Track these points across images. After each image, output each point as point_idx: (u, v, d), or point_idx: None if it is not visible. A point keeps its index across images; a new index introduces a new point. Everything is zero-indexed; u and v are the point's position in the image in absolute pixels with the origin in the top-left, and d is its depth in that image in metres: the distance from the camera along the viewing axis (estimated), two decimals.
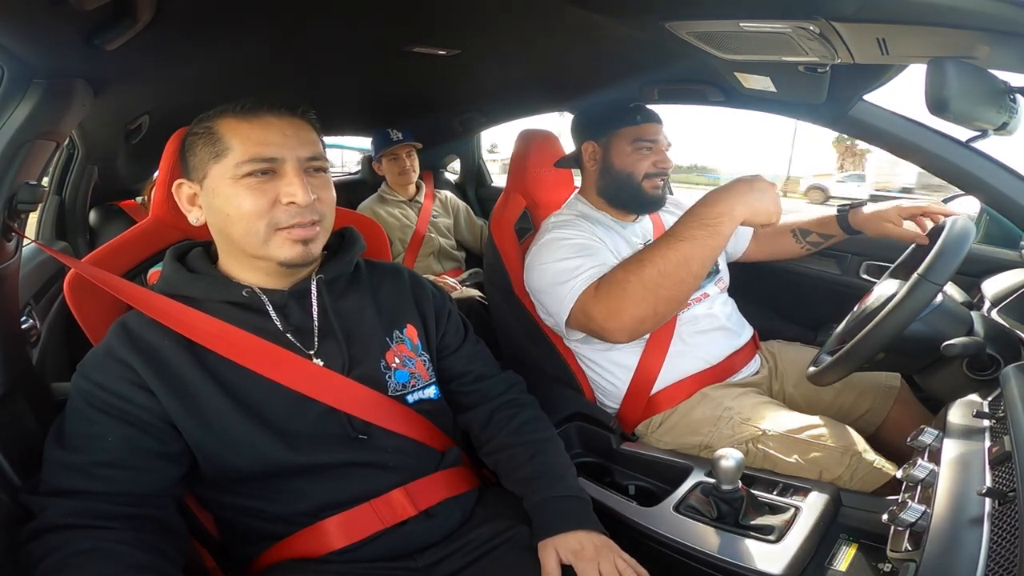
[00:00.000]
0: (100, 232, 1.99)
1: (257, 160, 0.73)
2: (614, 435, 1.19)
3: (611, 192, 1.30)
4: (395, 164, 2.27)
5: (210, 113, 0.77)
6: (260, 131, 0.74)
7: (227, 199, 0.74)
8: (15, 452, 0.75)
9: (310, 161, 0.77)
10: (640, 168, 1.26)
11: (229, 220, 0.75)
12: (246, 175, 0.73)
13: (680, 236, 1.03)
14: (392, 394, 0.84)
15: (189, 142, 0.78)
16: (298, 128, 0.77)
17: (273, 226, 0.75)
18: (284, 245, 0.75)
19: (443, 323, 0.95)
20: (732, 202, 1.02)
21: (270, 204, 0.74)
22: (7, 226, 0.83)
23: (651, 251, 1.05)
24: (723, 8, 0.92)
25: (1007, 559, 0.53)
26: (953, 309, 0.94)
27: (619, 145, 1.28)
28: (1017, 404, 0.69)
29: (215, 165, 0.75)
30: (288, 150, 0.74)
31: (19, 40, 0.77)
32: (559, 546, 0.78)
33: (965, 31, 0.76)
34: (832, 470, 0.98)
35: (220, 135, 0.75)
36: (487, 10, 1.12)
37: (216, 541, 0.85)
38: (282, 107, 0.77)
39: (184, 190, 0.80)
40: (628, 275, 1.05)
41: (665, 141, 1.29)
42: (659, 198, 1.29)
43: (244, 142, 0.74)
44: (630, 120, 1.27)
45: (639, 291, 1.03)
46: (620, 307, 1.04)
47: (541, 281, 1.19)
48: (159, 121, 1.59)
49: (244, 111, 0.75)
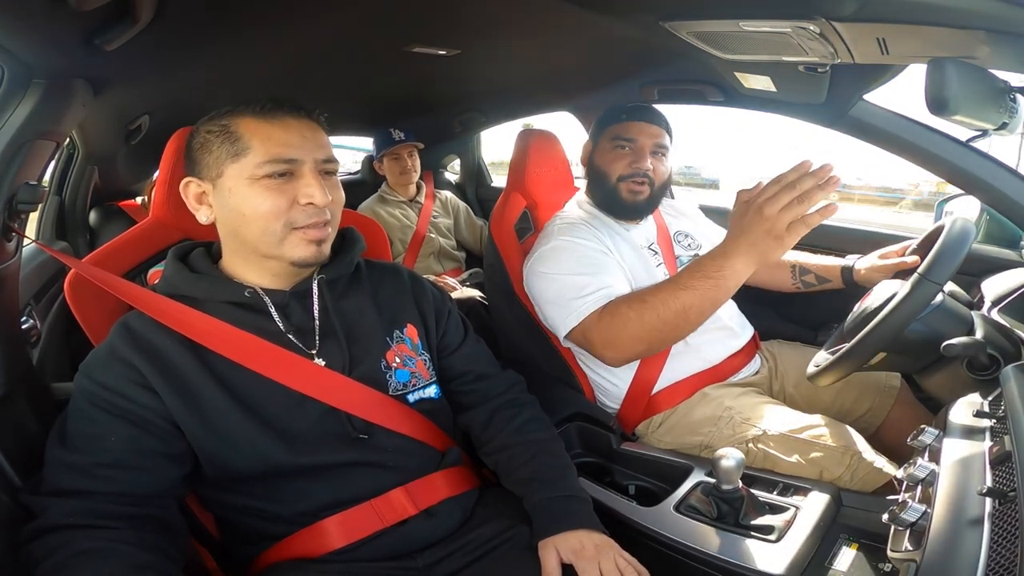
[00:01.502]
0: (100, 232, 1.99)
1: (278, 161, 0.74)
2: (614, 435, 1.19)
3: (594, 193, 1.28)
4: (396, 164, 2.27)
5: (224, 111, 0.77)
6: (281, 132, 0.75)
7: (244, 199, 0.75)
8: (15, 452, 0.75)
9: (325, 163, 0.78)
10: (614, 168, 1.22)
11: (245, 220, 0.76)
12: (265, 176, 0.74)
13: (683, 284, 1.00)
14: (393, 394, 0.84)
15: (202, 140, 0.78)
16: (314, 131, 0.78)
17: (289, 226, 0.75)
18: (299, 245, 0.76)
19: (443, 322, 0.95)
20: (732, 255, 0.93)
21: (288, 205, 0.75)
22: (7, 226, 0.83)
23: (655, 292, 1.03)
24: (723, 8, 0.92)
25: (1007, 559, 0.53)
26: (953, 309, 0.94)
27: (602, 143, 1.26)
28: (1017, 404, 0.69)
29: (232, 164, 0.75)
30: (306, 152, 0.76)
31: (19, 40, 0.77)
32: (560, 545, 0.78)
33: (965, 31, 0.76)
34: (832, 470, 0.98)
35: (239, 135, 0.75)
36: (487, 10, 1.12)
37: (216, 541, 0.85)
38: (298, 108, 0.78)
39: (192, 189, 0.80)
40: (630, 312, 1.04)
41: (650, 142, 1.22)
42: (636, 204, 1.22)
43: (265, 143, 0.74)
44: (616, 118, 1.25)
45: (639, 331, 1.03)
46: (619, 340, 1.06)
47: (546, 292, 1.17)
48: (159, 121, 1.59)
49: (264, 112, 0.76)
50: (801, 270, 1.37)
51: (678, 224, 1.39)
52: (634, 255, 1.24)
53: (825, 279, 1.33)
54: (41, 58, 0.82)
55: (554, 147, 1.47)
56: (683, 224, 1.40)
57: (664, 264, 1.26)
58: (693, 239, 1.37)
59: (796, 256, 1.40)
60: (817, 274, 1.35)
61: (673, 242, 1.33)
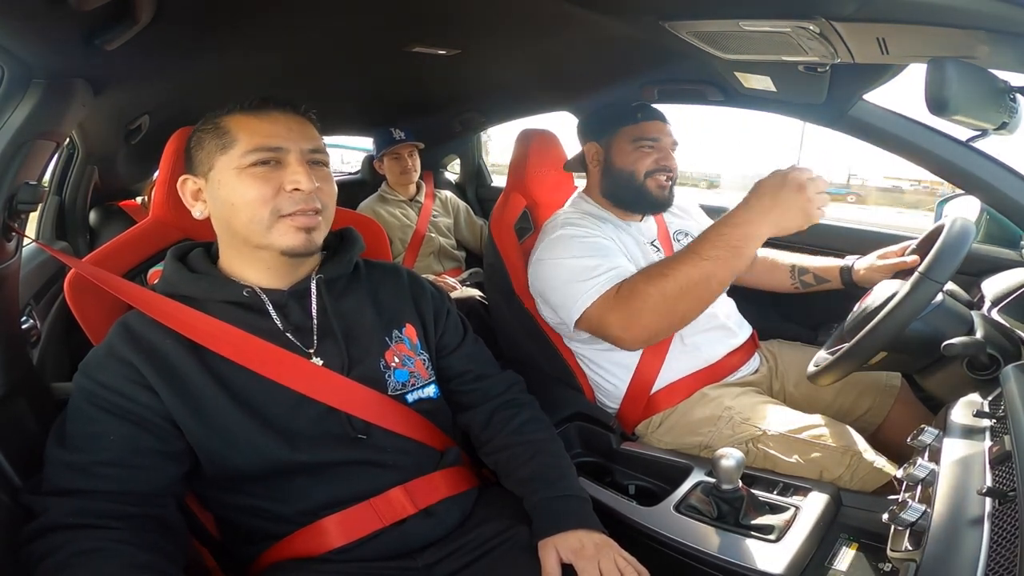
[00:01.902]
0: (100, 232, 1.99)
1: (262, 149, 0.76)
2: (614, 435, 1.19)
3: (614, 192, 1.30)
4: (397, 163, 2.28)
5: (217, 111, 0.81)
6: (267, 124, 0.78)
7: (232, 188, 0.76)
8: (15, 452, 0.75)
9: (312, 153, 0.79)
10: (641, 167, 1.25)
11: (234, 209, 0.77)
12: (251, 164, 0.76)
13: (703, 254, 1.01)
14: (392, 393, 0.84)
15: (196, 138, 0.81)
16: (301, 124, 0.80)
17: (277, 213, 0.76)
18: (288, 233, 0.77)
19: (442, 322, 0.95)
20: (757, 223, 0.99)
21: (274, 192, 0.76)
22: (7, 226, 0.83)
23: (673, 265, 1.04)
24: (723, 8, 0.92)
25: (1007, 559, 0.53)
26: (953, 308, 0.94)
27: (620, 144, 1.27)
28: (1017, 403, 0.69)
29: (221, 156, 0.77)
30: (292, 142, 0.77)
31: (19, 40, 0.77)
32: (559, 545, 0.78)
33: (965, 31, 0.76)
34: (832, 470, 0.98)
35: (228, 129, 0.78)
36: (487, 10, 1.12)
37: (217, 541, 0.85)
38: (287, 104, 0.81)
39: (189, 185, 0.82)
40: (649, 287, 1.04)
41: (670, 140, 1.28)
42: (664, 199, 1.28)
43: (251, 134, 0.77)
44: (630, 119, 1.27)
45: (660, 304, 1.03)
46: (638, 318, 1.05)
47: (554, 278, 1.17)
48: (159, 121, 1.59)
49: (251, 108, 0.79)
50: (800, 270, 1.38)
51: (677, 223, 1.41)
52: (638, 250, 1.25)
53: (824, 279, 1.34)
54: (41, 58, 0.82)
55: (554, 147, 1.48)
56: (682, 223, 1.42)
57: None
58: (692, 238, 1.37)
59: (794, 257, 1.40)
60: (816, 274, 1.35)
61: (672, 241, 1.35)
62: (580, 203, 1.34)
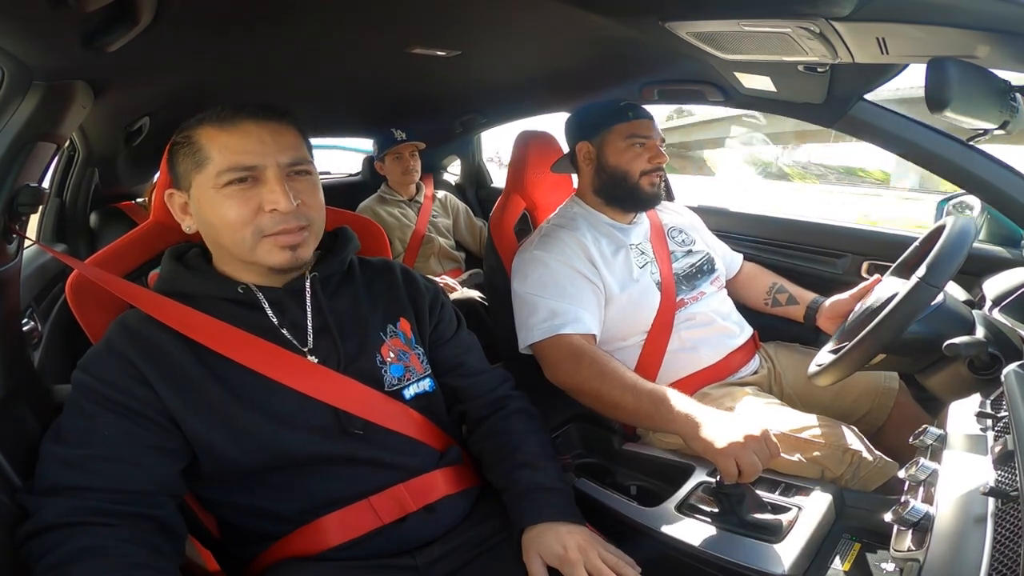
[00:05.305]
0: (101, 234, 1.98)
1: (236, 169, 0.74)
2: (616, 435, 1.18)
3: (607, 191, 1.30)
4: (398, 163, 2.28)
5: (190, 122, 0.78)
6: (238, 139, 0.74)
7: (212, 208, 0.75)
8: (16, 454, 0.75)
9: (292, 166, 0.76)
10: (636, 165, 1.26)
11: (215, 229, 0.76)
12: (227, 184, 0.74)
13: (637, 392, 1.00)
14: (388, 389, 0.84)
15: (173, 152, 0.79)
16: (278, 133, 0.76)
17: (259, 233, 0.75)
18: (272, 251, 0.76)
19: (436, 313, 0.96)
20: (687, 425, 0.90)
21: (253, 212, 0.74)
22: (8, 228, 0.83)
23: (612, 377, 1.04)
24: (723, 8, 0.92)
25: (1010, 558, 0.53)
26: (954, 309, 0.94)
27: (613, 143, 1.28)
28: (1019, 403, 0.69)
29: (197, 175, 0.76)
30: (268, 157, 0.74)
31: (19, 42, 0.77)
32: (543, 551, 0.77)
33: (965, 31, 0.76)
34: (834, 469, 0.98)
35: (200, 145, 0.75)
36: (487, 11, 1.12)
37: (217, 541, 0.85)
38: (260, 112, 0.76)
39: (176, 199, 0.81)
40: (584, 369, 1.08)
41: (658, 137, 1.29)
42: (656, 195, 1.29)
43: (223, 151, 0.74)
44: (622, 117, 1.28)
45: (580, 384, 1.08)
46: (568, 379, 1.10)
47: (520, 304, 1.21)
48: (160, 123, 1.59)
49: (221, 119, 0.75)
50: (779, 288, 1.42)
51: (673, 220, 1.42)
52: (620, 255, 1.25)
53: (794, 301, 1.38)
54: (41, 60, 0.82)
55: (553, 149, 1.48)
56: (677, 220, 1.43)
57: (651, 264, 1.27)
58: (687, 235, 1.40)
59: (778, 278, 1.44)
60: (792, 295, 1.39)
61: (667, 237, 1.36)
62: (571, 207, 1.35)
